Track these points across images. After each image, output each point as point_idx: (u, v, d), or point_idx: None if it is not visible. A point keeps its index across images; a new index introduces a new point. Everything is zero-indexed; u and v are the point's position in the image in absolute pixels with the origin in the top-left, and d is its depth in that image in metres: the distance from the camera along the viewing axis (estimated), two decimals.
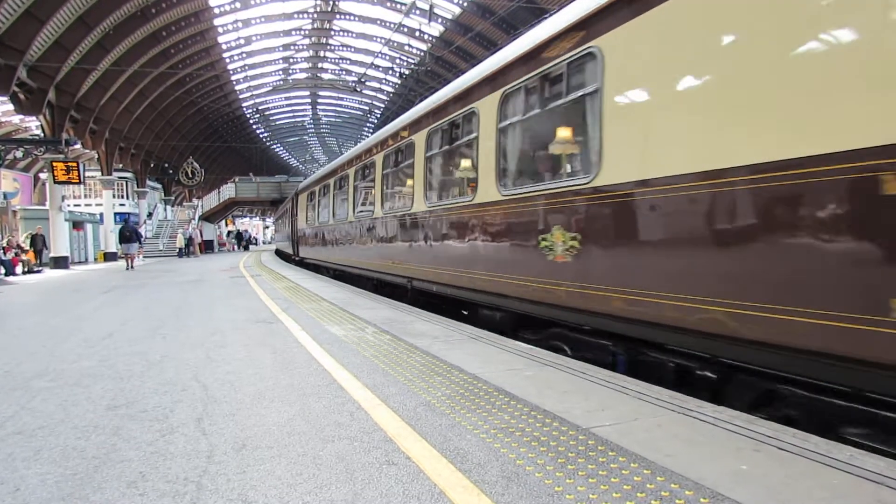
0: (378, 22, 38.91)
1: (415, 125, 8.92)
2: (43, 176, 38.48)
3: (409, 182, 9.23)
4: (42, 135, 24.41)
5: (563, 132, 5.65)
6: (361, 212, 12.24)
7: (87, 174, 27.79)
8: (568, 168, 5.70)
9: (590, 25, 4.76)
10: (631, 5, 4.33)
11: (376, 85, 50.12)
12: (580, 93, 4.88)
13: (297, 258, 23.34)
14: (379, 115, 54.18)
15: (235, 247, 51.37)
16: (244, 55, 41.56)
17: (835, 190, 2.94)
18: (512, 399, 3.66)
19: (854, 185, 2.86)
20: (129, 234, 22.80)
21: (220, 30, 34.52)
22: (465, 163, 7.55)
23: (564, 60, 5.06)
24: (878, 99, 2.78)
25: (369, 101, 54.51)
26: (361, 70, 40.38)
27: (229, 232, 57.33)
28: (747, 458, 2.59)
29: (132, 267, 22.54)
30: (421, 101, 10.10)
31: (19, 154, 25.79)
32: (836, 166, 2.92)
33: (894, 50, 2.73)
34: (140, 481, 2.62)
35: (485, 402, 3.61)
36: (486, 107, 6.47)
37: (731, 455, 2.64)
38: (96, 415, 3.68)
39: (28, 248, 23.57)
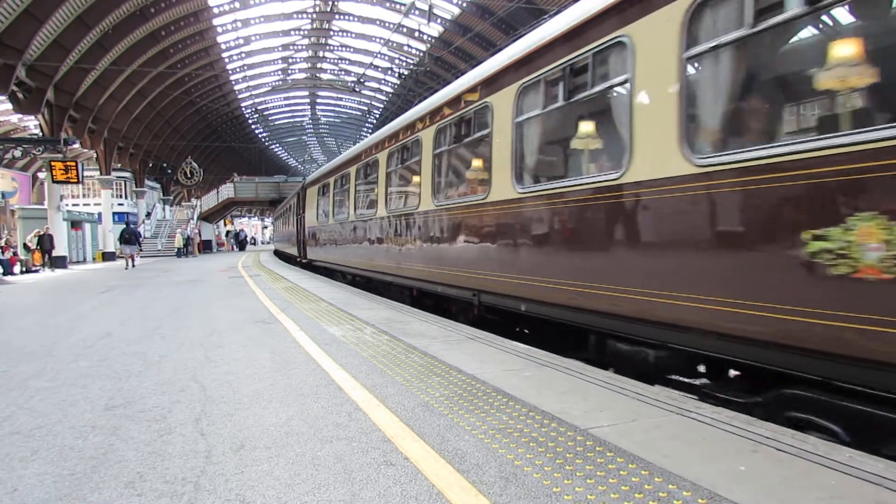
0: (377, 22, 38.91)
1: (491, 84, 6.48)
2: (41, 175, 38.44)
3: (479, 163, 7.01)
4: (40, 134, 24.41)
5: (842, 49, 3.37)
6: (398, 205, 9.93)
7: (86, 174, 27.84)
8: None
9: None
10: None
11: (375, 85, 50.08)
12: None
13: (303, 260, 21.12)
14: (378, 116, 54.16)
15: (234, 247, 51.36)
16: (243, 55, 41.56)
17: None
18: (510, 399, 3.65)
19: None
20: (129, 235, 24.37)
21: (219, 29, 34.49)
22: (588, 126, 5.48)
23: None
24: None
25: (368, 102, 54.46)
26: (360, 70, 40.35)
27: (228, 232, 57.31)
28: (745, 459, 2.59)
29: (133, 265, 23.37)
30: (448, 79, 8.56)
31: (18, 153, 25.80)
32: None
33: None
34: (138, 481, 2.62)
35: (483, 403, 3.61)
36: (653, 31, 4.12)
37: (729, 456, 2.64)
38: (94, 415, 3.67)
39: (35, 247, 23.42)
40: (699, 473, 2.46)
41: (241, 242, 52.69)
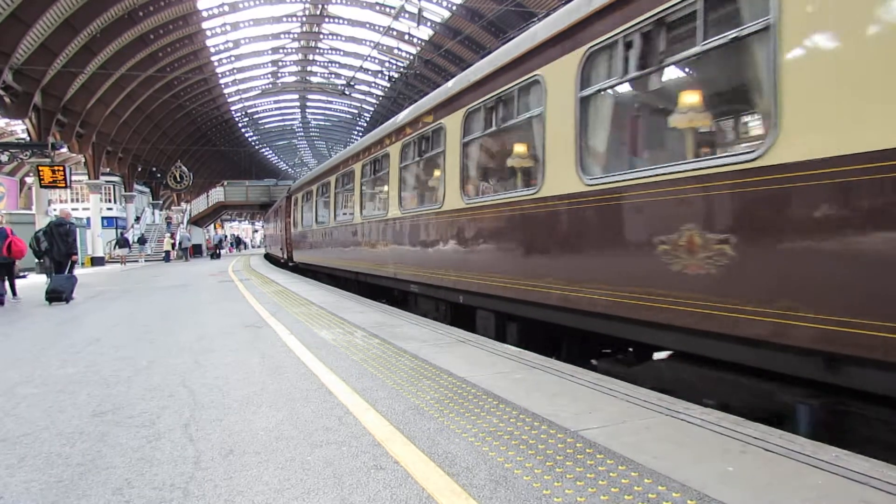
0: (367, 25, 38.92)
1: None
2: (29, 180, 38.12)
3: None
4: (28, 138, 24.22)
5: None
6: None
7: (74, 178, 27.79)
8: None
9: None
10: None
11: (365, 88, 50.06)
12: None
13: None
14: (368, 119, 54.11)
15: (233, 248, 50.39)
16: (233, 58, 41.43)
17: None
18: (500, 402, 3.66)
19: None
20: (123, 241, 30.31)
21: (208, 33, 34.35)
22: None
23: None
24: None
25: (358, 105, 54.43)
26: (350, 73, 40.30)
27: (225, 236, 56.78)
28: (734, 460, 2.60)
29: (125, 265, 27.12)
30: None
31: (5, 158, 25.63)
32: None
33: None
34: (126, 488, 2.60)
35: (473, 406, 3.61)
36: None
37: (718, 457, 2.66)
38: (82, 421, 3.63)
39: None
40: (688, 474, 2.47)
41: (216, 247, 43.05)
